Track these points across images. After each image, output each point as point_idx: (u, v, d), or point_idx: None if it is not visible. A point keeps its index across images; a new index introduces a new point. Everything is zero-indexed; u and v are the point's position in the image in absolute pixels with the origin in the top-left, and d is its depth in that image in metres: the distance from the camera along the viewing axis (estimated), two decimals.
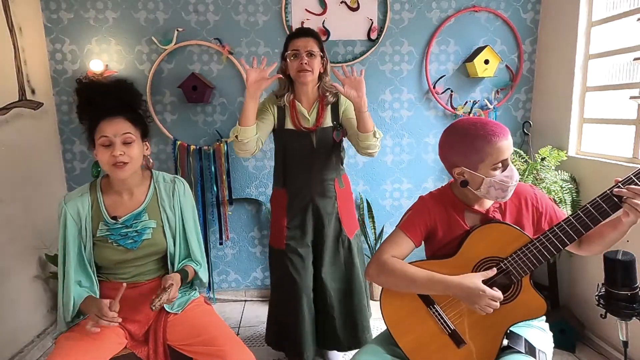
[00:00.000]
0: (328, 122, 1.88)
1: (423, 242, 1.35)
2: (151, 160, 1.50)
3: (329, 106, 1.88)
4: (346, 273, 1.95)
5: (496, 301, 1.15)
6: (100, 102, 1.37)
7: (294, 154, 1.90)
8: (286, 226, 1.92)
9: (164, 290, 1.32)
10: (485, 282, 1.17)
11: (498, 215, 1.27)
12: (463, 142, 1.20)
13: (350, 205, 2.01)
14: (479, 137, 1.17)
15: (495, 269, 1.20)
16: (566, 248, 1.27)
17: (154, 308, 1.28)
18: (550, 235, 1.16)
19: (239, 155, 1.84)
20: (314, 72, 1.79)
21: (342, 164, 2.00)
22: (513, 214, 1.28)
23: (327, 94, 1.87)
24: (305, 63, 1.76)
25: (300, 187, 1.91)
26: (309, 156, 1.87)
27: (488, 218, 1.27)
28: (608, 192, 1.11)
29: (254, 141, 1.79)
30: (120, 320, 1.27)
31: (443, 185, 1.38)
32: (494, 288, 1.17)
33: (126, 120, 1.37)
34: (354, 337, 1.94)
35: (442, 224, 1.29)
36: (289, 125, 1.87)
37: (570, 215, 1.15)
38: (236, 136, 1.75)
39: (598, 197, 1.12)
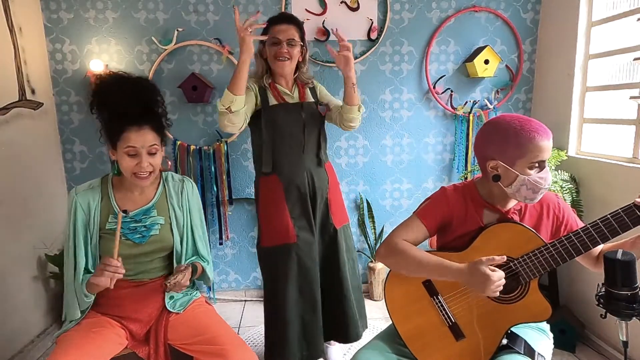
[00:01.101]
0: (310, 99, 1.89)
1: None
2: (169, 162, 1.52)
3: (307, 88, 1.91)
4: (326, 264, 1.88)
5: (501, 280, 1.13)
6: (124, 106, 1.35)
7: (284, 131, 1.80)
8: (291, 217, 1.80)
9: (178, 272, 1.38)
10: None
11: (516, 218, 1.26)
12: (505, 136, 1.17)
13: (338, 194, 1.97)
14: (523, 133, 1.15)
15: (500, 256, 1.18)
16: (585, 265, 1.27)
17: (168, 284, 1.36)
18: (565, 242, 1.15)
19: (226, 129, 1.71)
20: (292, 60, 1.79)
21: (326, 149, 1.97)
22: (533, 219, 1.27)
23: (304, 84, 1.90)
24: (285, 51, 1.75)
25: (295, 169, 1.81)
26: (301, 132, 1.81)
27: (505, 218, 1.26)
28: (631, 204, 1.10)
29: (243, 113, 1.70)
30: (124, 270, 1.29)
31: (467, 180, 1.37)
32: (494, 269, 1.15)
33: (152, 131, 1.37)
34: (336, 331, 1.92)
35: (458, 217, 1.28)
36: (273, 102, 1.82)
37: (589, 224, 1.14)
38: (229, 107, 1.63)
39: (620, 208, 1.11)
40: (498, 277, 1.13)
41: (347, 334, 1.93)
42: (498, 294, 1.14)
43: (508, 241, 1.21)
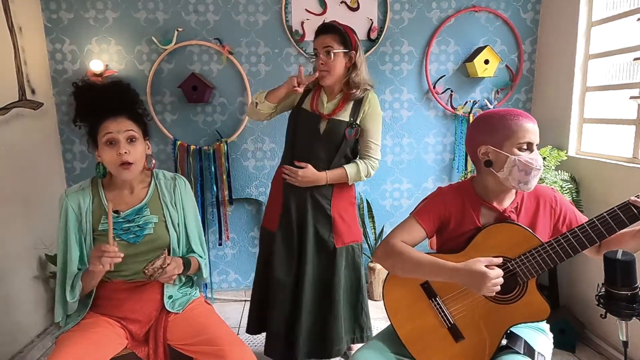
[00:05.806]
0: (344, 116, 1.80)
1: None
2: (153, 161, 1.51)
3: (352, 102, 1.81)
4: (322, 281, 1.87)
5: (498, 279, 1.14)
6: (100, 103, 1.38)
7: (300, 135, 1.86)
8: (282, 205, 1.88)
9: (158, 258, 1.32)
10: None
11: (514, 216, 1.26)
12: (491, 121, 1.23)
13: (348, 212, 1.92)
14: (508, 116, 1.21)
15: (500, 259, 1.19)
16: (585, 253, 1.26)
17: (146, 272, 1.29)
18: (562, 241, 1.15)
19: (250, 117, 2.08)
20: (332, 71, 1.75)
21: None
22: (529, 215, 1.28)
23: (354, 90, 1.79)
24: (322, 63, 1.74)
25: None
26: (314, 142, 1.82)
27: (503, 217, 1.26)
28: (627, 201, 1.10)
29: (268, 112, 1.89)
30: (122, 254, 1.27)
31: (463, 180, 1.37)
32: (492, 267, 1.16)
33: (128, 119, 1.39)
34: (320, 348, 1.87)
35: (455, 217, 1.28)
36: (305, 104, 1.86)
37: (586, 223, 1.14)
38: (256, 103, 1.85)
39: (616, 206, 1.11)
40: (495, 275, 1.13)
41: (325, 352, 1.87)
42: (494, 293, 1.14)
43: (505, 241, 1.21)
